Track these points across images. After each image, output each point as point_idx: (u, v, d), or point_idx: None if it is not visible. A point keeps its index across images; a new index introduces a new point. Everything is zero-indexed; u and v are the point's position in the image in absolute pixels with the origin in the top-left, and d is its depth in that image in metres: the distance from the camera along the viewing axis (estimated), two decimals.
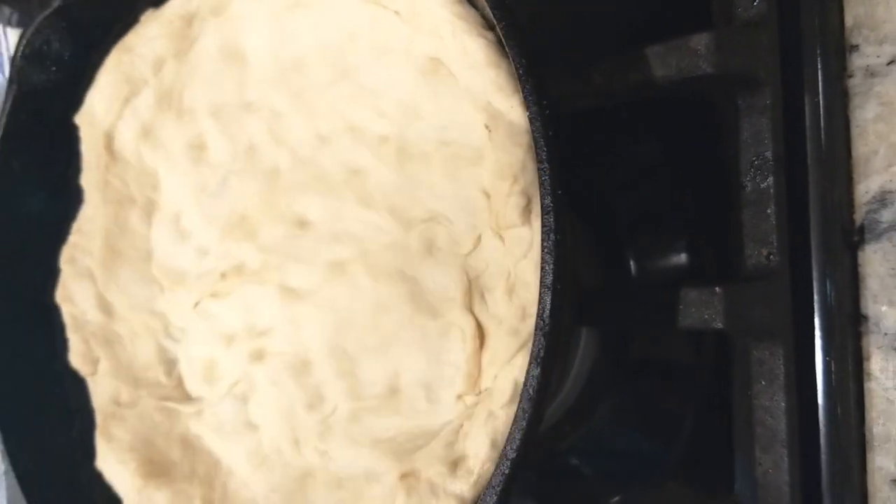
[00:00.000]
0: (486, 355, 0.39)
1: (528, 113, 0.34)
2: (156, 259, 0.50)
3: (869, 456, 0.40)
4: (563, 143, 0.34)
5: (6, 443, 0.48)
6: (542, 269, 0.32)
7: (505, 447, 0.33)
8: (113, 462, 0.47)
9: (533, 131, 0.33)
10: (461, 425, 0.39)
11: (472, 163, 0.40)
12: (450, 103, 0.41)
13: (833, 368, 0.40)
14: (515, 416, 0.32)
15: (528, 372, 0.32)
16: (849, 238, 0.41)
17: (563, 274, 0.32)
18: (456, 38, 0.39)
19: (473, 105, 0.39)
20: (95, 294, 0.50)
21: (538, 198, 0.35)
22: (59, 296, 0.51)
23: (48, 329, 0.51)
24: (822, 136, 0.40)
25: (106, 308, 0.51)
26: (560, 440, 0.55)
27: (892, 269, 0.40)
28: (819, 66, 0.40)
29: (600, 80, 0.44)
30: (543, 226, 0.32)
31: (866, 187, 0.40)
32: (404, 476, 0.39)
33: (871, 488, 0.40)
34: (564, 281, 0.32)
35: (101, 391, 0.50)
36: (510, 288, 0.38)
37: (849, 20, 0.41)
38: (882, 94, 0.40)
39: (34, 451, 0.49)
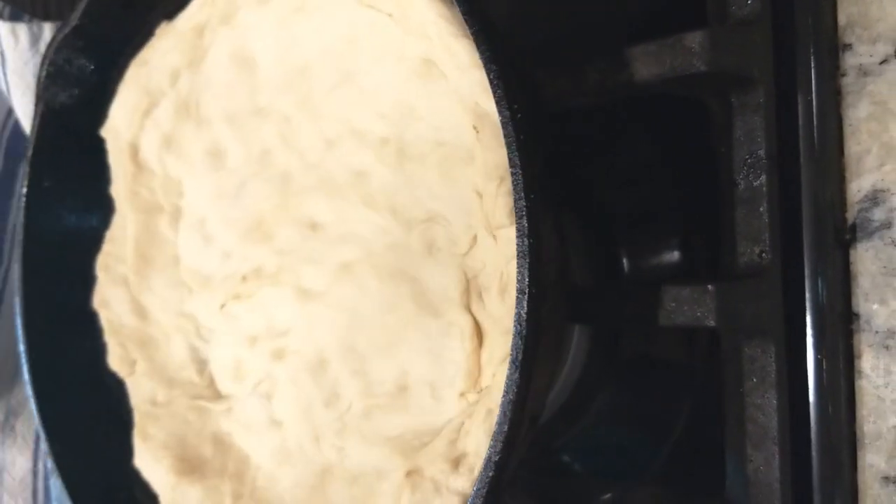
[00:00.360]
0: (485, 354, 0.39)
1: (500, 117, 0.33)
2: (184, 263, 0.52)
3: (860, 453, 0.40)
4: (542, 145, 0.34)
5: (51, 444, 0.51)
6: (518, 272, 0.32)
7: (488, 451, 0.33)
8: (149, 460, 0.50)
9: (505, 135, 0.33)
10: (462, 423, 0.39)
11: (465, 163, 0.40)
12: (443, 104, 0.41)
13: (824, 366, 0.40)
14: (497, 420, 0.32)
15: (507, 377, 0.32)
16: (841, 236, 0.41)
17: (538, 276, 0.32)
18: (442, 40, 0.39)
19: (462, 106, 0.40)
20: (130, 299, 0.53)
21: None
22: (96, 302, 0.53)
23: (89, 334, 0.54)
24: (815, 135, 0.40)
25: (140, 312, 0.53)
26: (554, 437, 0.56)
27: (884, 267, 0.40)
28: (812, 65, 0.41)
29: (595, 79, 0.44)
30: (517, 229, 0.32)
31: (858, 186, 0.41)
32: (409, 474, 0.40)
33: (861, 486, 0.40)
34: (542, 283, 0.32)
35: (139, 392, 0.52)
36: (503, 287, 0.38)
37: (842, 19, 0.41)
38: (875, 93, 0.40)
39: (78, 451, 0.52)
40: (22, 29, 0.69)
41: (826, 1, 0.41)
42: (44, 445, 0.51)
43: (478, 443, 0.37)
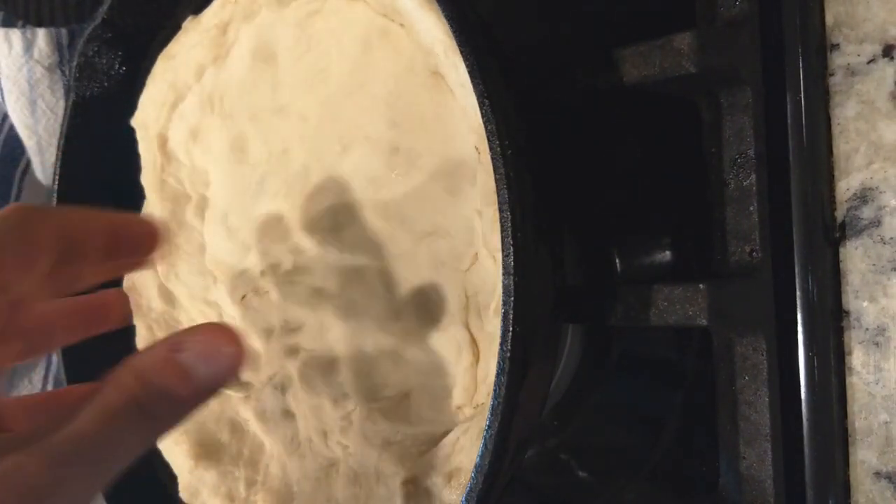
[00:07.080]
0: (481, 371, 0.40)
1: (490, 153, 0.33)
2: (208, 253, 0.52)
3: (851, 449, 0.40)
4: (534, 171, 0.34)
5: None
6: (503, 310, 0.32)
7: (469, 483, 0.33)
8: (169, 443, 0.51)
9: (494, 171, 0.33)
10: (458, 438, 0.39)
11: (468, 181, 0.40)
12: (449, 119, 0.41)
13: (816, 363, 0.40)
14: (479, 454, 0.33)
15: (489, 413, 0.32)
16: (830, 234, 0.41)
17: (523, 314, 0.32)
18: (448, 58, 0.39)
19: (468, 124, 0.39)
20: (157, 284, 0.54)
21: None
22: (126, 285, 0.55)
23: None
24: (804, 134, 0.40)
25: (167, 297, 0.54)
26: (548, 436, 0.56)
27: (873, 264, 0.40)
28: (800, 65, 0.41)
29: (585, 80, 0.44)
30: (503, 266, 0.33)
31: (847, 184, 0.41)
32: (405, 482, 0.40)
33: (853, 481, 0.40)
34: (526, 321, 0.32)
35: None
36: (499, 308, 0.38)
37: (829, 19, 0.41)
38: (862, 92, 0.40)
39: None
40: (15, 35, 0.69)
41: (814, 1, 0.41)
42: None
43: (471, 460, 0.37)
